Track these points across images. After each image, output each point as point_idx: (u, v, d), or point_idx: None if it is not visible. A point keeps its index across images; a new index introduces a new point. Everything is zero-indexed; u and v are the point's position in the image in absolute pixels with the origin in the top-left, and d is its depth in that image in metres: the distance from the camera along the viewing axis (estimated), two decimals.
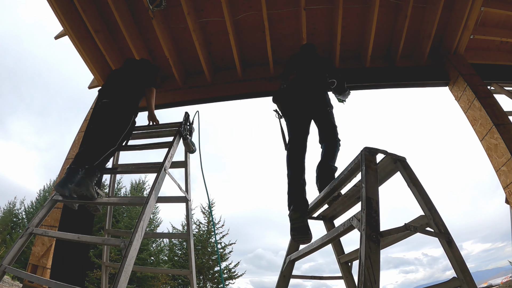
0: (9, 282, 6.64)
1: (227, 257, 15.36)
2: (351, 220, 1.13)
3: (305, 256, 1.62)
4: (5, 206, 16.89)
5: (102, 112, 2.35)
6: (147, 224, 1.76)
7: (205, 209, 16.79)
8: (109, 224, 2.79)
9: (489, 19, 3.39)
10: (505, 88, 3.15)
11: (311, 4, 3.06)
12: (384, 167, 1.35)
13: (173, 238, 17.30)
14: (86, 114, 3.35)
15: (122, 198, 3.04)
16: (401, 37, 3.23)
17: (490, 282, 14.53)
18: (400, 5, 3.13)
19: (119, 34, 3.24)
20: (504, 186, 2.58)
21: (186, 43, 3.38)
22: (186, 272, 2.54)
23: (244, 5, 3.10)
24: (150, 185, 14.76)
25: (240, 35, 3.35)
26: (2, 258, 1.72)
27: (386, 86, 3.45)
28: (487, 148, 2.78)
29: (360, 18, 3.23)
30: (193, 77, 3.67)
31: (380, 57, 3.53)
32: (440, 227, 1.10)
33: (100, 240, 1.92)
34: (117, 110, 2.33)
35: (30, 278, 1.80)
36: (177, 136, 2.47)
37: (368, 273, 0.88)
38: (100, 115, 2.35)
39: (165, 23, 3.20)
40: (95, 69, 3.37)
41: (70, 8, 2.97)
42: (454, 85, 3.23)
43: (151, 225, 15.30)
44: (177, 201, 2.56)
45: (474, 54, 3.48)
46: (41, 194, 17.13)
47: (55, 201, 2.03)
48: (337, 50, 3.30)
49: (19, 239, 1.79)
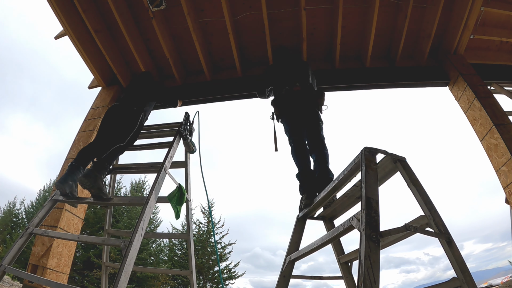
0: (9, 282, 6.64)
1: (227, 257, 15.38)
2: (351, 220, 1.13)
3: (305, 256, 1.62)
4: (5, 206, 16.91)
5: (111, 111, 2.43)
6: (147, 224, 1.76)
7: (205, 209, 16.82)
8: (109, 224, 2.79)
9: (489, 19, 3.39)
10: (505, 88, 3.15)
11: (311, 4, 3.06)
12: (384, 167, 1.35)
13: (173, 238, 17.30)
14: (86, 115, 3.34)
15: (122, 198, 3.05)
16: (401, 37, 3.22)
17: (490, 282, 14.53)
18: (400, 5, 3.13)
19: (119, 34, 3.24)
20: (504, 186, 2.58)
21: (186, 43, 3.37)
22: (186, 272, 2.54)
23: (244, 5, 3.10)
24: (150, 185, 14.79)
25: (240, 35, 3.35)
26: (2, 258, 1.72)
27: (386, 86, 3.45)
28: (487, 148, 2.77)
29: (360, 18, 3.23)
30: (193, 77, 3.67)
31: (380, 57, 3.53)
32: (440, 227, 1.10)
33: (100, 240, 1.92)
34: (126, 109, 2.41)
35: (30, 278, 1.80)
36: (177, 136, 2.47)
37: (368, 273, 0.88)
38: (109, 115, 2.42)
39: (165, 23, 3.20)
40: (95, 69, 3.36)
41: (70, 8, 2.97)
42: (454, 85, 3.23)
43: (151, 225, 15.31)
44: None
45: (474, 54, 3.47)
46: (41, 194, 17.14)
47: (55, 201, 2.03)
48: (337, 50, 3.29)
49: (19, 239, 1.79)
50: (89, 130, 3.12)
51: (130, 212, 14.28)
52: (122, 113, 2.39)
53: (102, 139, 2.25)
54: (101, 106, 3.33)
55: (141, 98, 2.56)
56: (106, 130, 2.32)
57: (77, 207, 2.16)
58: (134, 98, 2.52)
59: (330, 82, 3.40)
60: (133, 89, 2.66)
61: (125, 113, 2.39)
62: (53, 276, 2.32)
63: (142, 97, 2.58)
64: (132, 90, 2.64)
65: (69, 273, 2.54)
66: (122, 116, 2.37)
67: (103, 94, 3.49)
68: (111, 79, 3.55)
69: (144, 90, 2.65)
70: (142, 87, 2.67)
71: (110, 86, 3.54)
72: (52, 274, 2.32)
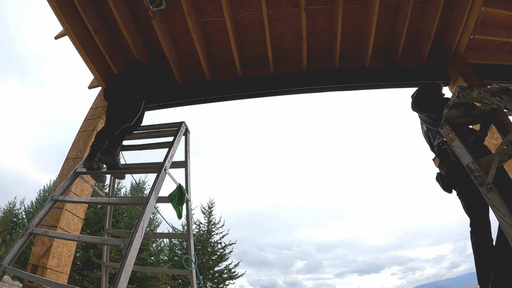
0: (9, 282, 6.64)
1: (227, 257, 15.36)
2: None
3: None
4: (5, 206, 16.92)
5: (115, 99, 2.72)
6: (147, 224, 1.76)
7: (205, 209, 16.81)
8: (109, 224, 2.79)
9: (489, 19, 3.39)
10: None
11: (311, 4, 3.06)
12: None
13: (173, 238, 17.22)
14: (86, 115, 3.34)
15: (122, 198, 3.05)
16: (401, 37, 3.22)
17: None
18: (400, 5, 3.13)
19: (119, 34, 3.24)
20: None
21: (186, 43, 3.38)
22: (186, 272, 2.54)
23: (244, 5, 3.10)
24: (150, 185, 14.76)
25: (240, 35, 3.35)
26: (2, 258, 1.72)
27: (386, 86, 3.45)
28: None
29: (360, 18, 3.23)
30: (193, 77, 3.67)
31: (380, 57, 3.53)
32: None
33: (100, 240, 1.92)
34: (130, 97, 2.69)
35: (30, 278, 1.80)
36: (178, 135, 2.47)
37: None
38: (114, 102, 2.71)
39: (165, 23, 3.20)
40: (95, 69, 3.36)
41: (70, 8, 2.97)
42: (454, 85, 3.23)
43: (151, 225, 15.29)
44: None
45: (474, 54, 3.47)
46: (41, 194, 17.13)
47: (55, 201, 2.03)
48: (337, 50, 3.29)
49: (19, 239, 1.79)
50: (89, 130, 3.12)
51: (130, 212, 14.27)
52: (127, 100, 2.67)
53: (112, 121, 2.58)
54: (101, 106, 3.33)
55: (141, 86, 2.81)
56: (114, 115, 2.62)
57: (104, 181, 2.44)
58: (135, 86, 2.77)
59: (330, 82, 3.40)
60: (130, 76, 2.88)
61: (130, 100, 2.67)
62: (53, 276, 2.32)
63: (142, 84, 2.84)
64: (130, 78, 2.86)
65: (69, 273, 2.54)
66: (127, 103, 2.66)
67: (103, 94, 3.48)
68: (111, 79, 3.55)
69: (142, 78, 2.91)
70: (140, 75, 2.92)
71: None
72: (52, 274, 2.32)
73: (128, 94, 2.71)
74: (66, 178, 2.25)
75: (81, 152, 2.96)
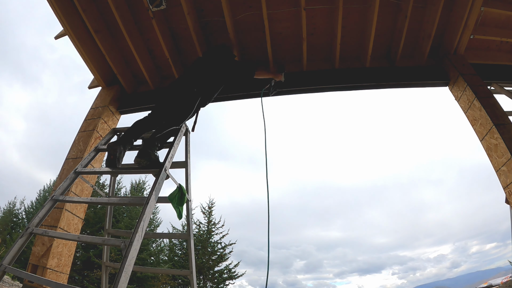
0: (9, 282, 6.64)
1: (227, 257, 15.37)
2: None
3: None
4: (5, 206, 16.91)
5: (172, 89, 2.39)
6: (147, 224, 1.76)
7: (205, 209, 16.82)
8: (109, 224, 2.79)
9: (489, 19, 3.38)
10: (505, 88, 3.15)
11: (311, 4, 3.06)
12: None
13: (173, 238, 17.27)
14: (86, 115, 3.34)
15: (122, 198, 3.05)
16: (401, 37, 3.22)
17: (490, 282, 14.50)
18: (400, 5, 3.13)
19: (119, 34, 3.24)
20: (504, 186, 2.58)
21: (186, 43, 3.38)
22: (186, 272, 2.54)
23: (244, 5, 3.10)
24: (150, 185, 14.75)
25: (240, 35, 3.35)
26: (2, 258, 1.72)
27: (386, 86, 3.44)
28: (487, 148, 2.77)
29: (360, 18, 3.23)
30: None
31: (380, 57, 3.53)
32: None
33: (100, 240, 1.92)
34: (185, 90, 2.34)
35: (30, 278, 1.80)
36: (178, 135, 2.46)
37: None
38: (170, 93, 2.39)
39: (165, 23, 3.20)
40: (95, 69, 3.36)
41: (70, 8, 2.97)
42: (454, 85, 3.23)
43: (151, 225, 15.30)
44: None
45: (474, 54, 3.47)
46: (41, 194, 17.13)
47: (55, 201, 2.03)
48: (337, 50, 3.29)
49: (19, 239, 1.79)
50: (89, 130, 3.12)
51: (130, 212, 14.26)
52: (181, 94, 2.31)
53: (160, 117, 2.22)
54: (101, 106, 3.33)
55: (204, 80, 2.40)
56: (165, 109, 2.29)
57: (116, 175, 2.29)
58: (197, 78, 2.39)
59: (330, 82, 3.40)
60: (201, 66, 2.49)
61: (184, 94, 2.31)
62: (53, 276, 2.32)
63: (207, 78, 2.42)
64: (200, 67, 2.48)
65: (69, 273, 2.54)
66: (181, 97, 2.30)
67: (103, 94, 3.49)
68: (111, 79, 3.55)
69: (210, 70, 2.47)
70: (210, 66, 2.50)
71: (110, 86, 3.55)
72: (52, 274, 2.32)
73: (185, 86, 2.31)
74: (66, 178, 2.20)
75: (81, 152, 2.96)
